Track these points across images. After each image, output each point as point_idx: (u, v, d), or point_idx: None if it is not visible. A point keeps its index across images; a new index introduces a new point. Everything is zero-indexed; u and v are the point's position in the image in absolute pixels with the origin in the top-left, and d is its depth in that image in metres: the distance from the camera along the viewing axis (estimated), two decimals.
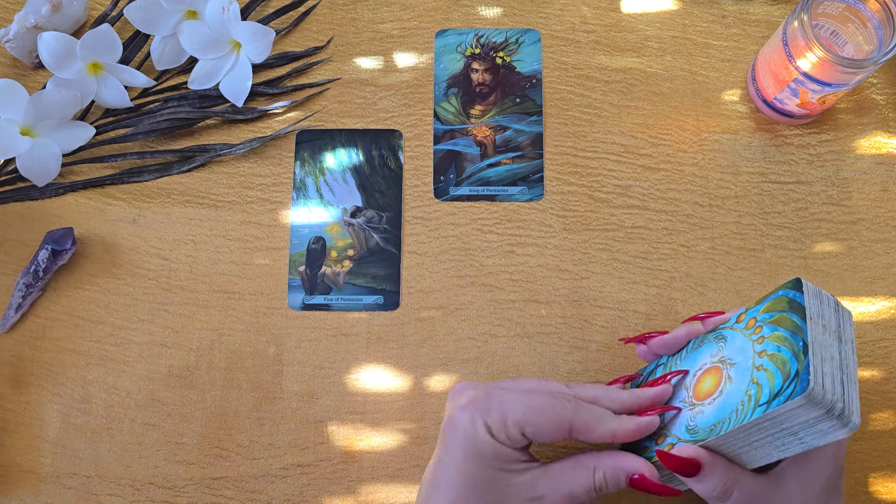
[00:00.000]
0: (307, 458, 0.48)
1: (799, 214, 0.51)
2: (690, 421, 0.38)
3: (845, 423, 0.34)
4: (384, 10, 0.55)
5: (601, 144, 0.52)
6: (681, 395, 0.40)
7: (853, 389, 0.34)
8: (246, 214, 0.52)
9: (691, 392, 0.39)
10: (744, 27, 0.54)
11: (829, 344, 0.34)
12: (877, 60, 0.43)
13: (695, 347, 0.41)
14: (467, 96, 0.53)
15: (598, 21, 0.55)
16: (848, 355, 0.35)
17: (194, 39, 0.52)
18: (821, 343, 0.34)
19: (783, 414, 0.34)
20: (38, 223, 0.51)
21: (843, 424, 0.34)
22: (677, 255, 0.50)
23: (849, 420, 0.33)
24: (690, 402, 0.39)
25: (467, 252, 0.51)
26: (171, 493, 0.47)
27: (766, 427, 0.35)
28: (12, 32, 0.52)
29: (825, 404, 0.33)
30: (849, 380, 0.34)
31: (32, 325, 0.50)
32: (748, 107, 0.53)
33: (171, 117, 0.52)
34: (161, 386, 0.49)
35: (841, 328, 0.36)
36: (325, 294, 0.50)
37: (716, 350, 0.39)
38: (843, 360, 0.35)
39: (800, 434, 0.35)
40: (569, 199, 0.51)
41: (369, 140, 0.53)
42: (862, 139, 0.52)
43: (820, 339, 0.34)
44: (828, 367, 0.34)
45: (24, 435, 0.48)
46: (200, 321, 0.50)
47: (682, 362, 0.42)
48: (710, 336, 0.40)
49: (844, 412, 0.33)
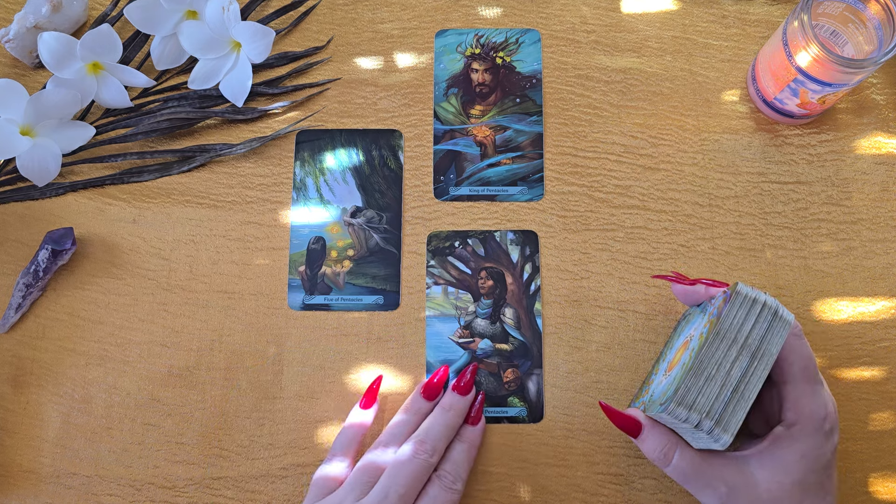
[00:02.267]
0: (307, 458, 0.48)
1: (799, 214, 0.51)
2: (655, 388, 0.41)
3: (716, 440, 0.35)
4: (384, 10, 0.55)
5: (601, 144, 0.52)
6: (663, 364, 0.43)
7: (741, 407, 0.35)
8: (246, 214, 0.52)
9: (669, 361, 0.42)
10: (744, 27, 0.54)
11: (727, 360, 0.36)
12: (877, 60, 0.43)
13: (693, 315, 0.43)
14: (467, 96, 0.53)
15: (598, 21, 0.55)
16: (756, 372, 0.36)
17: (194, 39, 0.52)
18: (715, 360, 0.36)
19: (663, 416, 0.37)
20: (38, 223, 0.52)
21: (714, 440, 0.36)
22: (677, 255, 0.50)
23: (719, 437, 0.35)
24: (665, 371, 0.42)
25: None
26: (171, 493, 0.47)
27: (667, 420, 0.37)
28: (12, 32, 0.52)
29: (692, 420, 0.35)
30: (740, 398, 0.35)
31: (32, 325, 0.50)
32: (748, 107, 0.53)
33: (171, 117, 0.52)
34: (161, 386, 0.49)
35: (766, 341, 0.36)
36: (326, 294, 0.50)
37: (699, 323, 0.41)
38: (745, 377, 0.36)
39: (690, 435, 0.37)
40: (569, 199, 0.51)
41: (369, 140, 0.53)
42: (862, 139, 0.52)
43: (714, 357, 0.36)
44: (710, 385, 0.35)
45: (24, 435, 0.48)
46: (200, 321, 0.50)
47: (681, 333, 0.43)
48: (706, 304, 0.42)
49: (713, 429, 0.35)
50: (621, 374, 0.48)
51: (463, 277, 0.50)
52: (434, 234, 0.51)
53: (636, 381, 0.48)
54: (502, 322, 0.48)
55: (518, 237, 0.50)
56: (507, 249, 0.50)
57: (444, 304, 0.49)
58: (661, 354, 0.46)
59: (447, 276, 0.50)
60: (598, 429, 0.47)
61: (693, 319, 0.42)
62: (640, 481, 0.47)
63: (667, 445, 0.38)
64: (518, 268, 0.50)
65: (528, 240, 0.50)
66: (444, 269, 0.50)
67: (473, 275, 0.50)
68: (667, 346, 0.45)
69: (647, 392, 0.43)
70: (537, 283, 0.49)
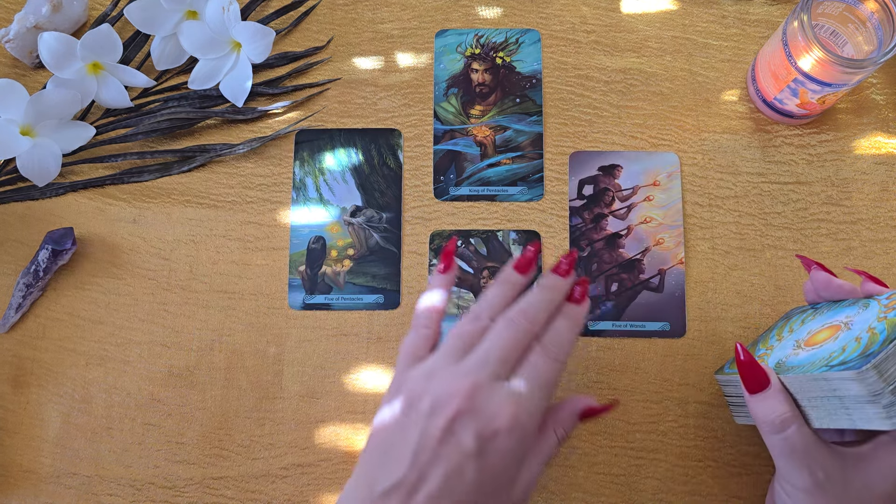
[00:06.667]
0: (307, 458, 0.48)
1: (799, 214, 0.51)
2: (784, 357, 0.40)
3: (890, 416, 0.34)
4: (384, 10, 0.55)
5: (601, 144, 0.52)
6: (791, 339, 0.42)
7: None
8: (246, 214, 0.52)
9: (804, 338, 0.40)
10: (744, 27, 0.54)
11: None
12: (876, 60, 0.43)
13: (840, 305, 0.42)
14: (467, 96, 0.53)
15: (598, 21, 0.55)
16: None
17: (194, 39, 0.52)
18: None
19: (836, 380, 0.35)
20: (38, 223, 0.51)
21: (887, 416, 0.34)
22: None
23: (895, 415, 0.34)
24: (797, 345, 0.40)
25: None
26: (172, 493, 0.47)
27: (823, 386, 0.36)
28: (12, 32, 0.52)
29: (874, 388, 0.34)
30: None
31: (32, 325, 0.50)
32: (748, 107, 0.53)
33: (171, 117, 0.52)
34: (161, 386, 0.49)
35: None
36: (326, 293, 0.50)
37: (853, 313, 0.40)
38: None
39: (849, 408, 0.35)
40: (569, 199, 0.51)
41: (368, 140, 0.53)
42: (862, 139, 0.52)
43: None
44: None
45: (24, 435, 0.48)
46: (200, 321, 0.50)
47: (820, 316, 0.42)
48: (860, 301, 0.41)
49: (893, 405, 0.34)
50: (622, 374, 0.48)
51: (465, 277, 0.50)
52: (437, 234, 0.51)
53: (635, 380, 0.48)
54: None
55: (520, 237, 0.50)
56: (509, 249, 0.50)
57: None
58: (770, 331, 0.45)
59: None
60: (599, 429, 0.47)
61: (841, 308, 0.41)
62: (641, 482, 0.47)
63: (787, 413, 0.36)
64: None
65: (530, 240, 0.50)
66: None
67: (476, 274, 0.50)
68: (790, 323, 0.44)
69: (760, 358, 0.42)
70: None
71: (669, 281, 0.50)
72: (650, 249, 0.50)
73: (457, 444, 0.36)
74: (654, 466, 0.47)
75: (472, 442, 0.36)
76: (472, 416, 0.36)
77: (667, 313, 0.49)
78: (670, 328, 0.49)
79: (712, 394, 0.48)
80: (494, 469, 0.37)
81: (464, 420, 0.36)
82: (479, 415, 0.37)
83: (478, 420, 0.36)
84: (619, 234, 0.50)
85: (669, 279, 0.50)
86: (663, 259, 0.50)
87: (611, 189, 0.51)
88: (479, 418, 0.36)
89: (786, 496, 0.38)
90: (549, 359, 0.39)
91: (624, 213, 0.51)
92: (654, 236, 0.50)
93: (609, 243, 0.50)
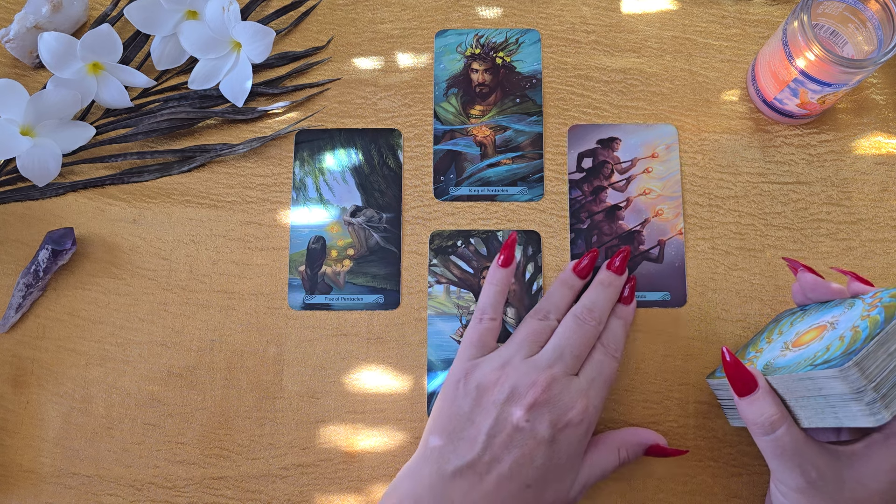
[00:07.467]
0: (307, 458, 0.48)
1: (799, 215, 0.51)
2: (772, 359, 0.40)
3: (873, 413, 0.34)
4: (384, 10, 0.55)
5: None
6: (780, 341, 0.42)
7: None
8: (246, 214, 0.52)
9: (792, 339, 0.41)
10: (744, 27, 0.54)
11: None
12: (877, 60, 0.43)
13: (827, 306, 0.42)
14: (467, 96, 0.53)
15: (598, 21, 0.55)
16: None
17: (194, 39, 0.52)
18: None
19: (820, 379, 0.35)
20: (38, 223, 0.52)
21: (871, 413, 0.34)
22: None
23: (878, 411, 0.34)
24: (785, 346, 0.41)
25: None
26: (171, 493, 0.47)
27: (808, 386, 0.36)
28: (12, 32, 0.52)
29: (856, 386, 0.34)
30: None
31: (32, 325, 0.50)
32: (748, 107, 0.53)
33: (171, 117, 0.52)
34: (161, 386, 0.49)
35: None
36: (326, 293, 0.50)
37: (839, 312, 0.40)
38: None
39: (834, 407, 0.36)
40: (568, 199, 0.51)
41: (368, 139, 0.53)
42: (862, 139, 0.52)
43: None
44: (889, 360, 0.34)
45: (24, 435, 0.48)
46: (200, 321, 0.50)
47: (808, 317, 0.42)
48: (847, 300, 0.41)
49: (875, 402, 0.34)
50: (621, 375, 0.48)
51: (465, 276, 0.50)
52: (436, 233, 0.51)
53: (635, 380, 0.48)
54: (504, 321, 0.48)
55: (521, 237, 0.50)
56: None
57: (446, 303, 0.49)
58: (760, 334, 0.46)
59: (449, 274, 0.50)
60: (599, 429, 0.47)
61: (828, 309, 0.41)
62: (640, 481, 0.47)
63: (776, 415, 0.37)
64: (520, 268, 0.50)
65: (531, 240, 0.50)
66: (447, 268, 0.50)
67: (476, 274, 0.50)
68: (779, 326, 0.44)
69: (750, 361, 0.42)
70: (539, 284, 0.49)
71: (669, 251, 0.50)
72: (649, 221, 0.50)
73: (532, 431, 0.40)
74: (654, 466, 0.47)
75: (546, 430, 0.40)
76: (549, 406, 0.40)
77: (667, 283, 0.49)
78: (671, 297, 0.49)
79: (712, 394, 0.48)
80: (560, 457, 0.40)
81: (541, 409, 0.40)
82: (554, 406, 0.40)
83: (553, 411, 0.40)
84: (619, 206, 0.51)
85: (669, 249, 0.50)
86: (663, 230, 0.50)
87: (609, 162, 0.51)
88: (555, 409, 0.40)
89: (781, 497, 0.38)
90: (610, 357, 0.43)
91: (623, 185, 0.51)
92: (654, 207, 0.50)
93: (608, 215, 0.50)
